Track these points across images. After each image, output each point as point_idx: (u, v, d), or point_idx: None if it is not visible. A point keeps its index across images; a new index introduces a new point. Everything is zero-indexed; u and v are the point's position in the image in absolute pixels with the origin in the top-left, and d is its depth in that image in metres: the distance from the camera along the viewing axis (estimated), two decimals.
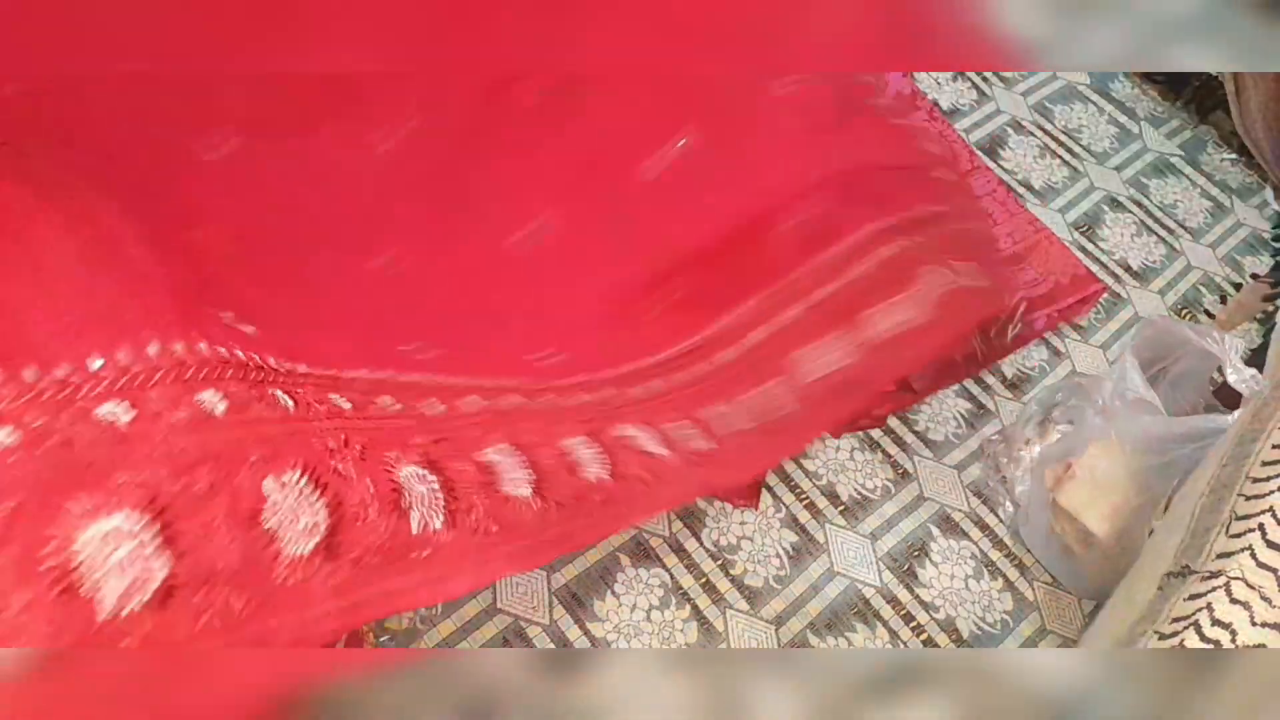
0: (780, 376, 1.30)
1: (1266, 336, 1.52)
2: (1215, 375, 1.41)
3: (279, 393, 0.86)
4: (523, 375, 1.17)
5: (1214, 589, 0.87)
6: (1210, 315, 1.84)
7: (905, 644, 1.36)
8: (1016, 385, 1.67)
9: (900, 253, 1.39)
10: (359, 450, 0.86)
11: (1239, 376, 1.26)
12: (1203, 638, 0.84)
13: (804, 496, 1.47)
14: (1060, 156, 2.04)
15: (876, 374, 1.34)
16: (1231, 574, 0.86)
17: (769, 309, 1.35)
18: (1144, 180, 2.04)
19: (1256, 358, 1.35)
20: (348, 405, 0.92)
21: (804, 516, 1.45)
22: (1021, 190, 1.95)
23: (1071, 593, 1.45)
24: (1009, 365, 1.69)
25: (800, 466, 1.50)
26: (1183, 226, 1.98)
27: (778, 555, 1.41)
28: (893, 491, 1.50)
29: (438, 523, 0.88)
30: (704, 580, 1.37)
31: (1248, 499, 0.92)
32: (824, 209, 1.43)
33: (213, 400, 0.81)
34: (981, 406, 1.63)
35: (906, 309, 1.34)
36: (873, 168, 1.51)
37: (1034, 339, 1.69)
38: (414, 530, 0.85)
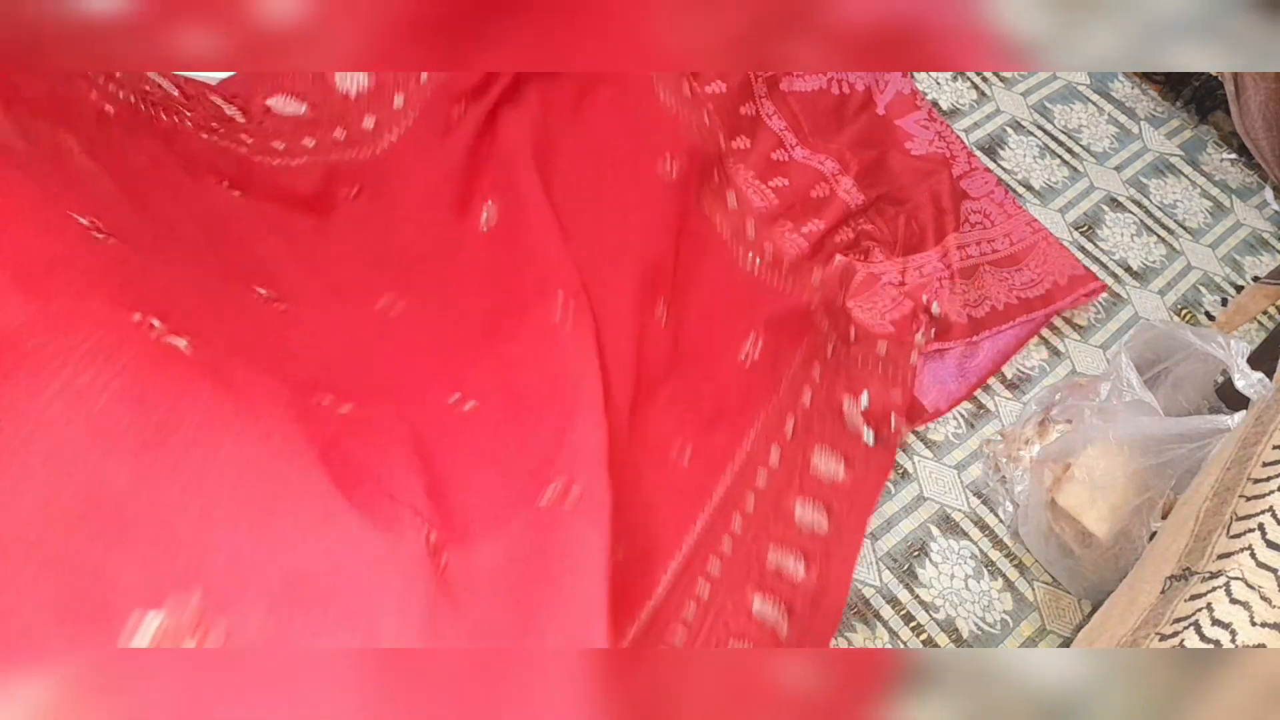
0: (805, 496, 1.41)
1: (1270, 338, 1.52)
2: (1218, 377, 1.41)
3: None
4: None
5: (1214, 589, 0.86)
6: (1211, 317, 1.84)
7: (905, 644, 1.36)
8: (1016, 385, 1.67)
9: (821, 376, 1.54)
10: None
11: (1246, 381, 1.26)
12: (1203, 638, 0.84)
13: None
14: (1060, 156, 2.04)
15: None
16: (1231, 574, 0.86)
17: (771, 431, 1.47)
18: (1144, 180, 2.04)
19: (1258, 359, 1.34)
20: None
21: None
22: (1021, 190, 1.95)
23: (1071, 592, 1.45)
24: (1009, 365, 1.69)
25: None
26: (1183, 226, 1.98)
27: None
28: (892, 491, 1.50)
29: None
30: None
31: (1248, 499, 0.92)
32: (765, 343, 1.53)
33: None
34: (981, 406, 1.63)
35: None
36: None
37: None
38: None
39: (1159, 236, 1.95)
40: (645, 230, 1.49)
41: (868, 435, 1.48)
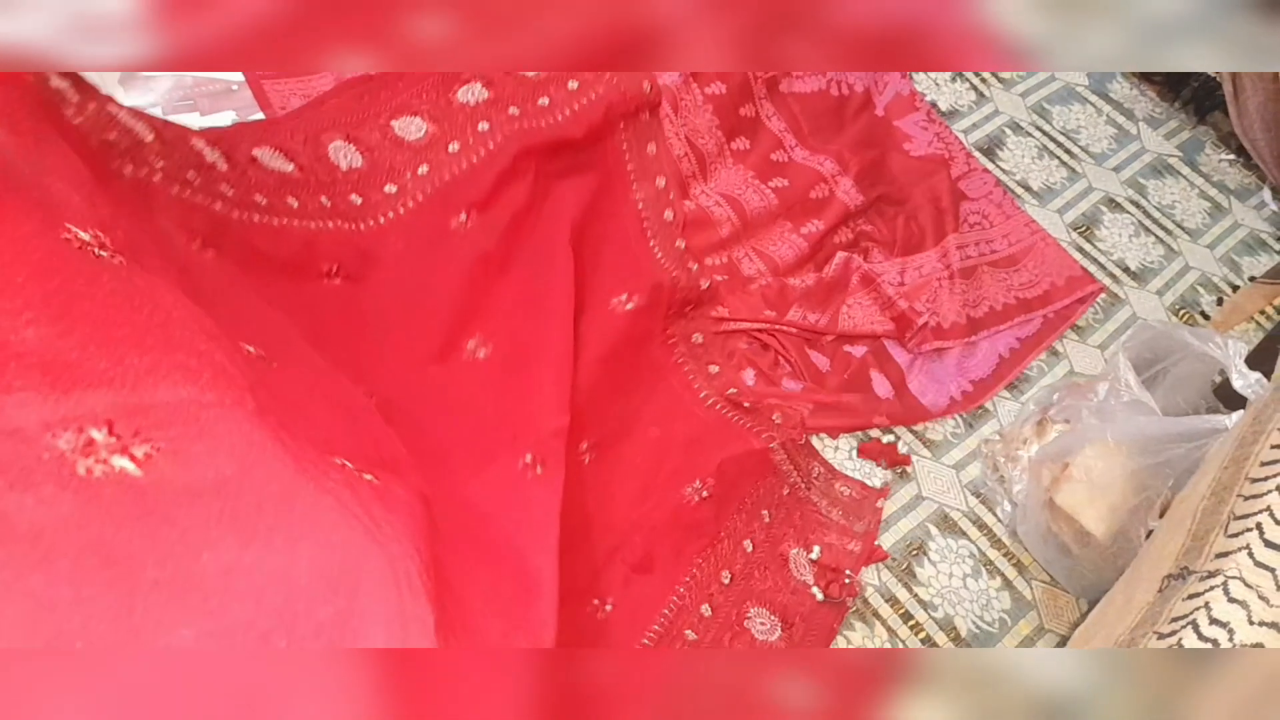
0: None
1: (1268, 338, 1.52)
2: (1216, 377, 1.42)
3: None
4: None
5: (1212, 588, 0.87)
6: (1207, 317, 1.84)
7: (904, 643, 1.37)
8: (1015, 385, 1.67)
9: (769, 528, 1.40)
10: None
11: (1244, 381, 1.26)
12: (1201, 637, 0.84)
13: None
14: (1058, 157, 2.04)
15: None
16: (1229, 573, 0.86)
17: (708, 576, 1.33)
18: (1142, 181, 2.05)
19: (1256, 359, 1.35)
20: None
21: None
22: (1019, 191, 1.96)
23: (1069, 592, 1.45)
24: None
25: None
26: (1181, 227, 1.99)
27: None
28: (891, 491, 1.51)
29: None
30: None
31: (1245, 499, 0.92)
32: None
33: None
34: (979, 406, 1.63)
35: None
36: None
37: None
38: None
39: (1157, 237, 1.96)
40: (573, 363, 1.36)
41: (817, 588, 1.36)
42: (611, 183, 1.53)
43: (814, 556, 1.38)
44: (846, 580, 1.36)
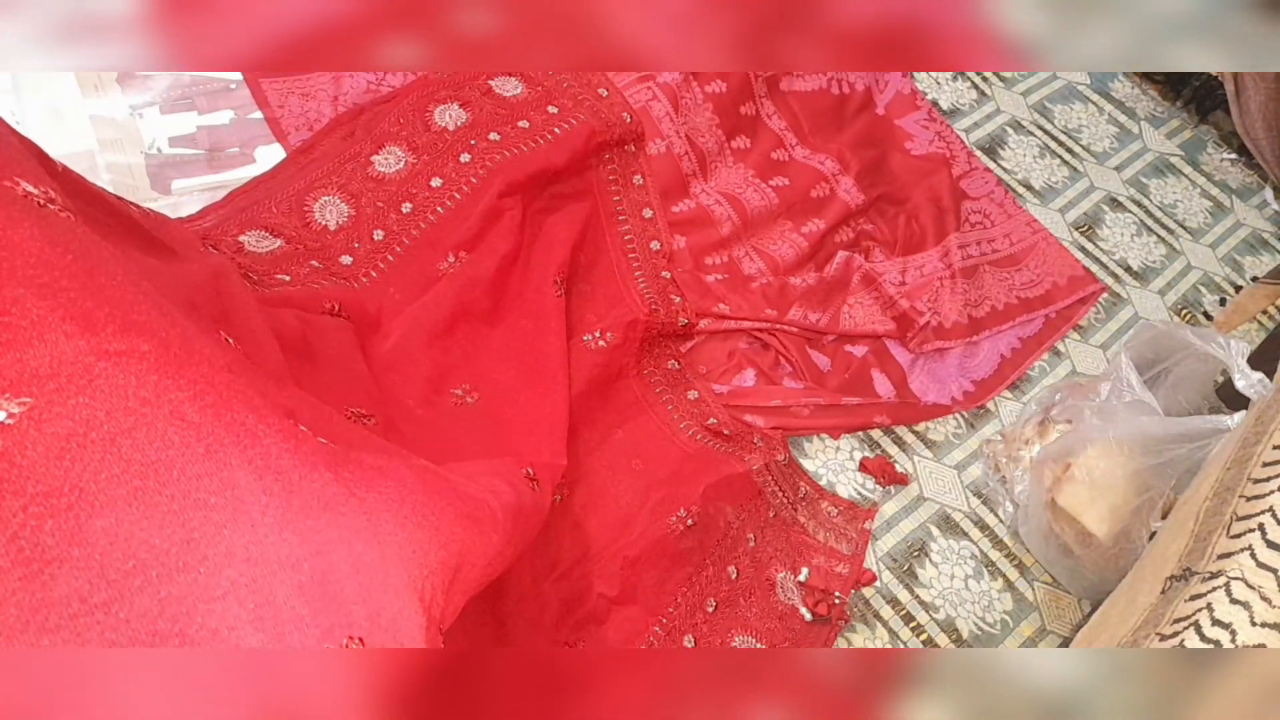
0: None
1: (1270, 338, 1.52)
2: (1218, 377, 1.41)
3: None
4: None
5: (1214, 589, 0.86)
6: (1209, 317, 1.84)
7: (905, 644, 1.36)
8: (1016, 385, 1.67)
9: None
10: None
11: (1246, 382, 1.26)
12: (1203, 638, 0.84)
13: None
14: (1060, 156, 2.04)
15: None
16: (1231, 574, 0.86)
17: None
18: (1144, 180, 2.05)
19: (1258, 359, 1.34)
20: None
21: None
22: (1021, 190, 1.95)
23: (1071, 593, 1.45)
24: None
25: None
26: (1183, 226, 1.98)
27: None
28: (892, 491, 1.50)
29: None
30: None
31: (1248, 500, 0.92)
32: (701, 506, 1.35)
33: None
34: (981, 406, 1.63)
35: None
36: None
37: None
38: None
39: (1159, 236, 1.95)
40: (568, 411, 1.34)
41: (805, 608, 1.33)
42: (597, 217, 1.53)
43: (801, 579, 1.36)
44: (835, 601, 1.34)
